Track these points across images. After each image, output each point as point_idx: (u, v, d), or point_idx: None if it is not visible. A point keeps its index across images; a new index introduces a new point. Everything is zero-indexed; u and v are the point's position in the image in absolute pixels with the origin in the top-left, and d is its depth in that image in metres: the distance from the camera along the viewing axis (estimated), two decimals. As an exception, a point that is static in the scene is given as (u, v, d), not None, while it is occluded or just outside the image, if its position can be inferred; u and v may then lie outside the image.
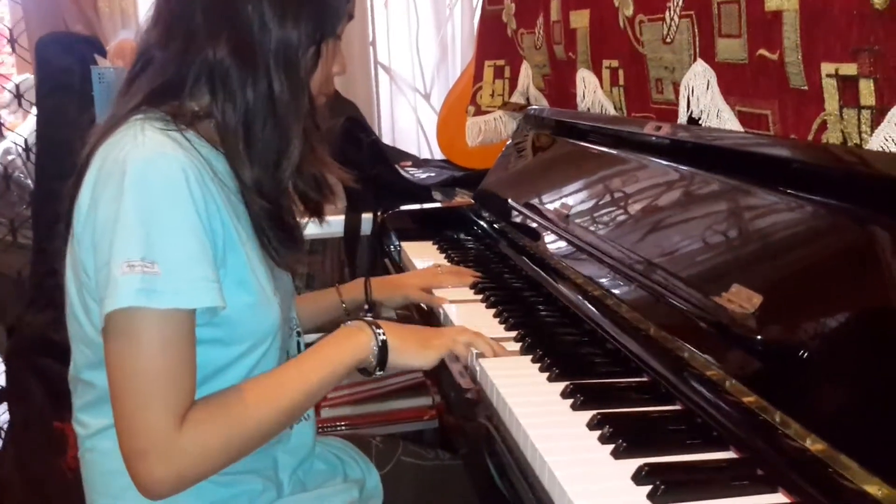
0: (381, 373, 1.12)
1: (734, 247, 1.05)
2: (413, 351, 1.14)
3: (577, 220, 1.46)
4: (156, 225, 0.92)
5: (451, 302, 1.45)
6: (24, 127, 2.85)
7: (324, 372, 1.06)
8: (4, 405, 2.67)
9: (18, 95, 2.78)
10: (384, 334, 1.11)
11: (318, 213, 1.21)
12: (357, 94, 3.00)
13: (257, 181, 1.04)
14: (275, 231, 1.08)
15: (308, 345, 1.15)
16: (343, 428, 2.26)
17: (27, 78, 2.82)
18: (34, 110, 2.40)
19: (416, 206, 2.10)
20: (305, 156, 1.09)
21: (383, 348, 1.10)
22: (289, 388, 1.03)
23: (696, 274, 1.07)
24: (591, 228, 1.41)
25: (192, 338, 0.96)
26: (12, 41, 2.78)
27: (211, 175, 1.00)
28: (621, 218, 1.36)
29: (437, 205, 2.19)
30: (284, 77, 1.03)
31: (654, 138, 1.32)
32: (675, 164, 1.26)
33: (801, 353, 0.82)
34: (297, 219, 1.18)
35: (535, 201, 1.70)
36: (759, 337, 0.87)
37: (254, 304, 1.04)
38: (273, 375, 1.06)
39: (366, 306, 1.51)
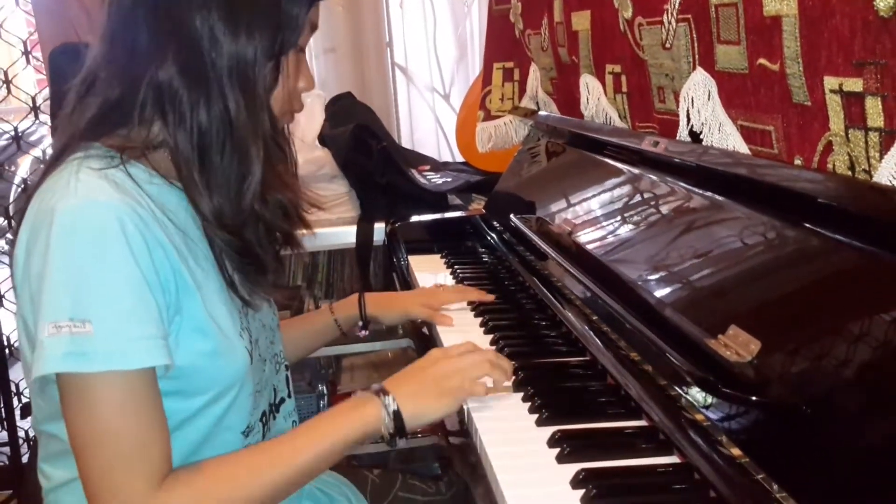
0: (405, 440, 1.03)
1: (739, 283, 0.94)
2: (431, 407, 1.03)
3: (582, 241, 1.37)
4: (86, 281, 0.84)
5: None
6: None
7: (321, 448, 0.96)
8: (29, 420, 2.69)
9: (35, 108, 2.77)
10: (395, 401, 1.00)
11: (289, 242, 1.11)
12: (374, 98, 2.92)
13: (217, 212, 0.95)
14: (241, 265, 0.99)
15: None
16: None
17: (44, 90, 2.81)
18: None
19: (425, 217, 2.02)
20: (269, 181, 0.99)
21: (397, 416, 0.99)
22: (280, 465, 0.94)
23: (697, 310, 0.97)
24: (596, 251, 1.31)
25: (154, 397, 0.88)
26: (27, 53, 2.76)
27: (157, 216, 0.91)
28: (627, 240, 1.26)
29: (448, 215, 2.10)
30: (241, 96, 0.93)
31: (661, 156, 1.21)
32: (685, 185, 1.16)
33: (799, 418, 0.71)
34: (278, 247, 1.09)
35: (542, 215, 1.61)
36: (753, 398, 0.76)
37: (213, 352, 0.95)
38: (265, 450, 0.97)
39: (360, 322, 1.43)
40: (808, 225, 0.86)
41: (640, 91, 1.29)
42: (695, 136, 1.12)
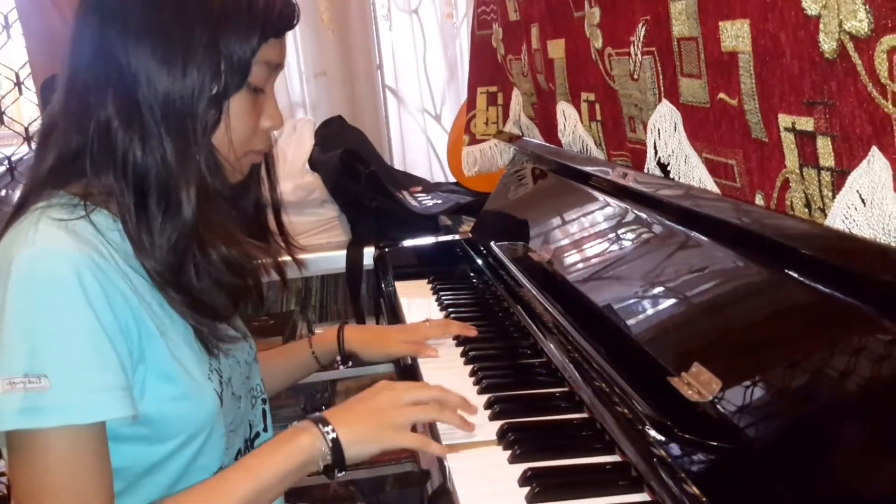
0: (342, 473, 0.98)
1: (706, 320, 0.94)
2: (369, 439, 0.99)
3: (557, 270, 1.37)
4: (42, 334, 0.82)
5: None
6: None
7: (257, 483, 0.92)
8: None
9: (28, 138, 2.78)
10: (334, 430, 0.96)
11: (241, 298, 1.04)
12: (365, 120, 2.92)
13: (161, 270, 0.92)
14: (193, 316, 0.96)
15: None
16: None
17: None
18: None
19: (412, 242, 2.02)
20: (208, 232, 0.94)
21: (336, 447, 0.96)
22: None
23: (664, 346, 0.96)
24: (571, 280, 1.31)
25: (101, 448, 0.87)
26: (19, 84, 2.78)
27: (120, 265, 0.90)
28: (600, 271, 1.26)
29: (435, 239, 2.10)
30: (176, 139, 0.90)
31: (630, 187, 1.21)
32: (657, 217, 1.16)
33: (755, 460, 0.71)
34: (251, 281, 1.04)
35: (521, 242, 1.61)
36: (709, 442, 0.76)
37: (181, 397, 0.94)
38: (203, 490, 0.93)
39: (338, 357, 1.40)
40: (779, 268, 0.86)
41: (613, 120, 1.29)
42: (664, 167, 1.11)
